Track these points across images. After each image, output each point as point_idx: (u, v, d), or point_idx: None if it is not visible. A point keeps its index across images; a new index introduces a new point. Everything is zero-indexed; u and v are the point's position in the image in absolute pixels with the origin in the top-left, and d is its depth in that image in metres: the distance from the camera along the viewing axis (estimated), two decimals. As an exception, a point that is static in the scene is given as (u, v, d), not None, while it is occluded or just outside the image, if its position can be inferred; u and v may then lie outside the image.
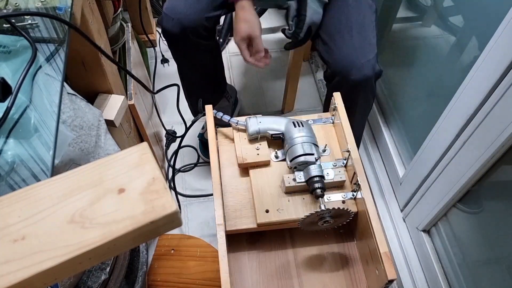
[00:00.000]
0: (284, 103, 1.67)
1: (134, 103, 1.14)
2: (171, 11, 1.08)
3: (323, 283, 0.82)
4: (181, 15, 1.07)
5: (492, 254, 1.01)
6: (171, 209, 0.38)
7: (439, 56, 1.23)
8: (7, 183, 0.55)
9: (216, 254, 0.87)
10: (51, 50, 0.71)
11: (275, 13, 2.04)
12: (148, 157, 0.41)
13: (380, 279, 0.72)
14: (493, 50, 0.83)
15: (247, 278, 0.84)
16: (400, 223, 1.31)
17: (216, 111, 0.90)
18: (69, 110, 0.76)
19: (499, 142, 0.84)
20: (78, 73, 0.93)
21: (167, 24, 1.09)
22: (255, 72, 1.84)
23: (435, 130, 1.07)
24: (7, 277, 0.34)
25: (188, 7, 1.07)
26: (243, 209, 0.83)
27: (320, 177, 0.78)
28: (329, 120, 0.93)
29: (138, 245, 1.14)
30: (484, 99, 0.87)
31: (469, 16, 1.08)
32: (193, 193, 1.48)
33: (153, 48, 1.87)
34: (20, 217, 0.38)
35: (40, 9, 0.74)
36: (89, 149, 0.80)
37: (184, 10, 1.07)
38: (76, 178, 0.40)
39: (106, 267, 0.92)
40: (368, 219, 0.74)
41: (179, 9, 1.07)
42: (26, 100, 0.62)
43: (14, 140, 0.59)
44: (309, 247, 0.87)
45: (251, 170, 0.86)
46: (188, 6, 1.07)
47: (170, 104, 1.70)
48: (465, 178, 0.96)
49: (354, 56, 1.01)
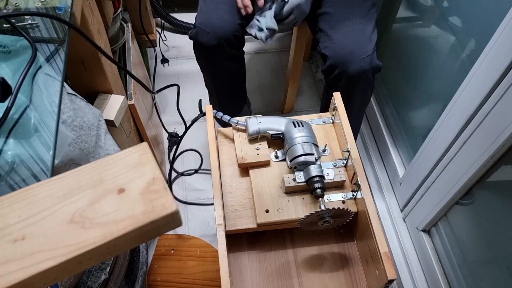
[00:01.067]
0: (284, 103, 1.67)
1: (134, 103, 1.14)
2: (205, 25, 1.09)
3: (323, 283, 0.82)
4: (216, 28, 1.08)
5: (492, 254, 1.01)
6: (171, 209, 0.38)
7: (439, 56, 1.23)
8: (7, 183, 0.55)
9: (216, 254, 0.87)
10: (51, 50, 0.71)
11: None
12: (148, 157, 0.41)
13: (380, 279, 0.72)
14: (493, 50, 0.83)
15: (247, 278, 0.84)
16: (400, 223, 1.31)
17: (216, 111, 0.90)
18: (69, 110, 0.76)
19: (499, 142, 0.84)
20: (78, 73, 0.93)
21: (203, 38, 1.10)
22: (255, 72, 1.84)
23: (435, 130, 1.07)
24: (7, 277, 0.34)
25: (222, 20, 1.09)
26: (243, 209, 0.83)
27: (320, 177, 0.78)
28: (329, 120, 0.93)
29: (138, 245, 1.14)
30: (484, 99, 0.87)
31: (469, 16, 1.08)
32: (193, 194, 1.48)
33: (153, 48, 1.86)
34: (20, 217, 0.38)
35: (40, 9, 0.74)
36: (89, 149, 0.80)
37: (218, 22, 1.08)
38: (76, 178, 0.40)
39: (106, 267, 0.92)
40: (368, 219, 0.74)
41: (212, 22, 1.09)
42: (26, 100, 0.62)
43: (14, 140, 0.58)
44: (309, 247, 0.87)
45: (251, 170, 0.86)
46: (221, 19, 1.09)
47: (170, 104, 1.70)
48: (465, 178, 0.96)
49: (354, 49, 1.02)
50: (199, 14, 1.13)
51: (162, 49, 1.86)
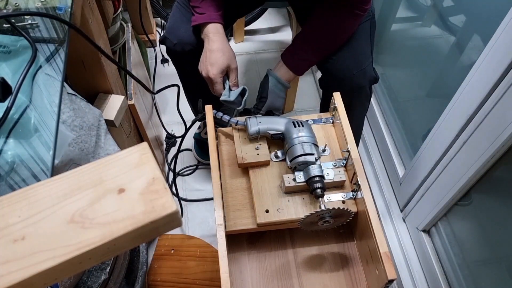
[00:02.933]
0: (284, 103, 1.67)
1: (134, 103, 1.14)
2: (172, 36, 1.08)
3: (323, 283, 0.82)
4: (182, 40, 1.07)
5: (492, 254, 1.01)
6: (171, 209, 0.38)
7: (439, 56, 1.23)
8: (7, 183, 0.55)
9: (216, 254, 0.87)
10: (51, 50, 0.71)
11: (275, 13, 2.04)
12: (148, 157, 0.41)
13: (380, 279, 0.72)
14: (493, 50, 0.83)
15: (247, 278, 0.84)
16: (400, 223, 1.31)
17: (216, 111, 0.90)
18: (69, 110, 0.76)
19: (499, 142, 0.84)
20: (78, 73, 0.93)
21: (170, 45, 1.09)
22: (255, 72, 1.84)
23: (435, 130, 1.07)
24: (7, 277, 0.34)
25: (188, 35, 1.06)
26: (243, 209, 0.83)
27: (320, 177, 0.78)
28: (329, 120, 0.93)
29: (138, 245, 1.14)
30: (484, 99, 0.87)
31: (469, 16, 1.08)
32: (193, 194, 1.48)
33: (153, 48, 1.87)
34: (20, 217, 0.38)
35: (40, 9, 0.74)
36: (89, 149, 0.80)
37: (185, 36, 1.07)
38: (76, 178, 0.40)
39: (106, 267, 0.92)
40: (368, 219, 0.74)
41: (179, 35, 1.07)
42: (26, 100, 0.62)
43: (14, 140, 0.59)
44: (309, 247, 0.87)
45: (251, 170, 0.86)
46: (188, 33, 1.06)
47: (170, 104, 1.70)
48: (465, 178, 0.96)
49: (348, 67, 1.01)
50: (169, 21, 1.12)
51: (162, 49, 1.86)
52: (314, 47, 1.01)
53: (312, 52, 1.02)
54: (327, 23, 0.99)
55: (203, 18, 1.00)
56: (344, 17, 0.98)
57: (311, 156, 0.79)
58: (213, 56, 0.97)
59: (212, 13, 1.00)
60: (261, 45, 1.93)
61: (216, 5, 1.01)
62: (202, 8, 1.01)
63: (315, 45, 1.01)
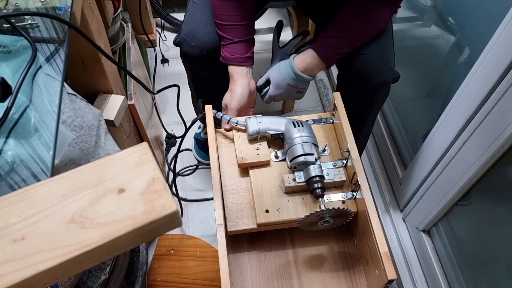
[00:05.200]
0: (284, 103, 1.67)
1: (134, 103, 1.14)
2: (191, 38, 1.05)
3: (323, 283, 0.82)
4: (201, 42, 1.05)
5: (492, 254, 1.01)
6: (171, 209, 0.38)
7: (439, 56, 1.23)
8: (7, 183, 0.55)
9: (216, 254, 0.87)
10: (51, 50, 0.71)
11: (275, 13, 2.04)
12: (148, 157, 0.41)
13: (380, 279, 0.72)
14: (493, 50, 0.83)
15: (247, 278, 0.84)
16: (400, 223, 1.31)
17: (216, 111, 0.90)
18: (69, 110, 0.76)
19: (499, 142, 0.84)
20: (78, 73, 0.93)
21: (187, 49, 1.07)
22: (255, 72, 1.83)
23: (435, 130, 1.07)
24: (7, 277, 0.34)
25: (209, 36, 1.05)
26: (243, 209, 0.83)
27: (320, 177, 0.78)
28: (329, 120, 0.93)
29: (138, 245, 1.14)
30: (484, 99, 0.87)
31: (469, 16, 1.08)
32: (193, 194, 1.48)
33: (153, 48, 1.86)
34: (20, 217, 0.38)
35: (40, 9, 0.74)
36: (89, 149, 0.80)
37: (205, 38, 1.05)
38: (76, 178, 0.40)
39: (106, 267, 0.92)
40: (368, 219, 0.74)
41: (199, 36, 1.05)
42: (26, 100, 0.62)
43: (14, 140, 0.59)
44: (309, 247, 0.87)
45: (251, 170, 0.86)
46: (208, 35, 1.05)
47: (170, 105, 1.70)
48: (465, 178, 0.96)
49: (377, 64, 1.01)
50: (185, 24, 1.08)
51: (162, 49, 1.86)
52: (348, 36, 1.00)
53: (344, 41, 1.00)
54: (366, 9, 0.98)
55: (231, 60, 1.04)
56: (381, 9, 0.98)
57: (311, 156, 0.79)
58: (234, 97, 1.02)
59: (239, 56, 1.04)
60: (261, 45, 1.93)
61: (246, 46, 1.06)
62: (231, 49, 1.03)
63: (349, 33, 0.99)
